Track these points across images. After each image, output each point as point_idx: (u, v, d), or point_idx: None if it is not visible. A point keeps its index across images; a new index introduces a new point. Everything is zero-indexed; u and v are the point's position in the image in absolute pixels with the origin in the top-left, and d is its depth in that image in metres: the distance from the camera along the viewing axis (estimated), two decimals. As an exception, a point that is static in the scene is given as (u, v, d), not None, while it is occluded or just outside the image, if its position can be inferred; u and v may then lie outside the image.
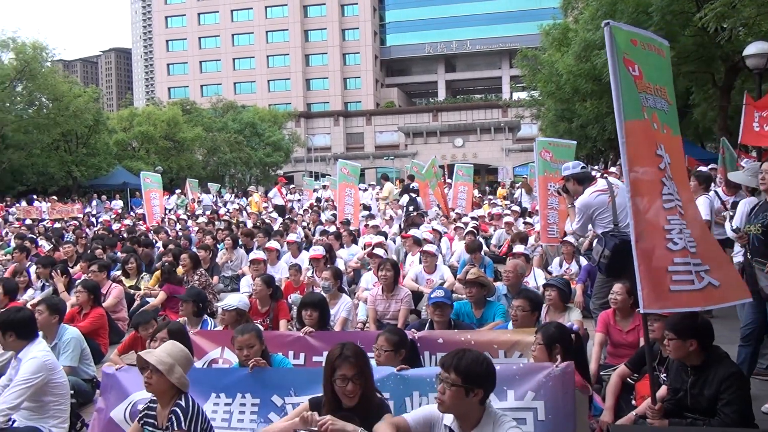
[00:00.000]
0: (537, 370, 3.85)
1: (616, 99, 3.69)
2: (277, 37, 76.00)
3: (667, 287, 3.72)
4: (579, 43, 17.73)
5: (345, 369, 3.35)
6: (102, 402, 4.39)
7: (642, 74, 3.83)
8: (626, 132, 3.70)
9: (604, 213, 6.01)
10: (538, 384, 3.77)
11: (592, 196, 6.10)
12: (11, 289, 7.22)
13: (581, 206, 6.14)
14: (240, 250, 11.82)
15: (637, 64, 3.81)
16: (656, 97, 3.94)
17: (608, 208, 5.99)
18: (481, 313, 6.23)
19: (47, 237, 14.36)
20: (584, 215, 6.11)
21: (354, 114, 73.64)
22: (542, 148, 10.17)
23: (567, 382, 3.74)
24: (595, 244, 6.09)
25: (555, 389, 3.73)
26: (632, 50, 3.81)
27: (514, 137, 60.91)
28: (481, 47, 77.12)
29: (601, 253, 5.86)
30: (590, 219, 6.10)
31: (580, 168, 6.50)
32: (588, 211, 6.07)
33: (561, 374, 3.75)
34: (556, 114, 28.57)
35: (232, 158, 47.37)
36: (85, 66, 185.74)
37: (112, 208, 26.87)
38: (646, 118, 3.78)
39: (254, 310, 6.81)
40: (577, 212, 6.22)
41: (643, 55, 3.90)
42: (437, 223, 14.19)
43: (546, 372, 3.80)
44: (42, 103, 35.71)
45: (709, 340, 3.98)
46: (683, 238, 3.76)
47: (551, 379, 3.76)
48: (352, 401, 3.36)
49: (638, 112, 3.74)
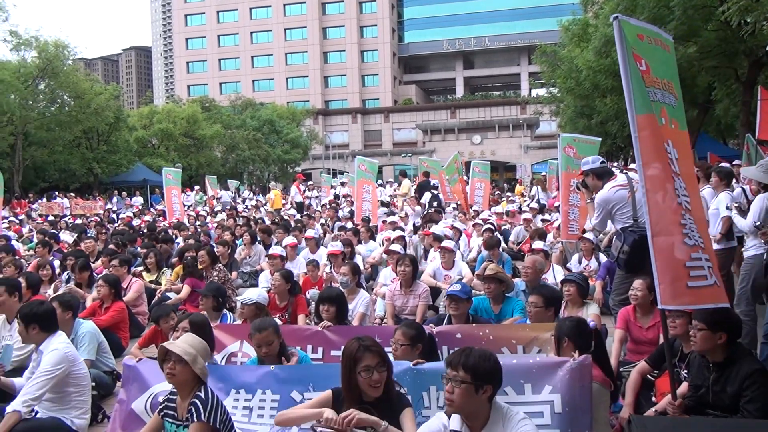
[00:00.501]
0: (554, 364, 3.85)
1: (627, 92, 3.67)
2: (296, 34, 76.21)
3: (685, 283, 3.67)
4: (599, 38, 17.59)
5: (368, 359, 3.35)
6: (123, 393, 4.44)
7: (649, 69, 3.81)
8: (639, 126, 3.67)
9: (623, 208, 5.95)
10: (555, 377, 3.78)
11: (611, 191, 6.04)
12: (34, 283, 7.32)
13: (600, 201, 6.09)
14: (258, 246, 11.88)
15: (644, 58, 3.79)
16: (664, 91, 3.90)
17: (628, 203, 5.93)
18: (499, 309, 6.21)
19: (73, 229, 14.50)
20: (603, 210, 6.06)
21: (372, 111, 73.63)
22: (566, 144, 10.08)
23: (584, 376, 3.74)
24: (614, 239, 6.03)
25: (572, 382, 3.73)
26: (639, 45, 3.79)
27: (533, 134, 60.52)
28: (499, 44, 76.73)
29: (620, 248, 5.80)
30: (609, 214, 6.04)
31: (600, 163, 6.43)
32: (607, 206, 6.02)
33: (578, 367, 3.76)
34: (575, 110, 28.34)
35: (250, 155, 47.68)
36: (106, 64, 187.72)
37: (132, 205, 27.15)
38: (654, 113, 3.75)
39: (273, 305, 6.84)
40: (596, 207, 6.16)
41: (650, 50, 3.88)
42: (454, 219, 14.15)
43: (563, 365, 3.80)
44: (64, 100, 36.20)
45: (737, 337, 3.94)
46: (695, 234, 3.74)
47: (568, 373, 3.76)
48: (378, 391, 3.35)
49: (648, 106, 3.72)
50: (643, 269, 5.86)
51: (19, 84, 33.16)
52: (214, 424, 3.48)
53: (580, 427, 3.64)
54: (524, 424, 2.99)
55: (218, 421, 3.50)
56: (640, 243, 5.75)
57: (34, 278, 7.47)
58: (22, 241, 14.51)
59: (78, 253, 9.59)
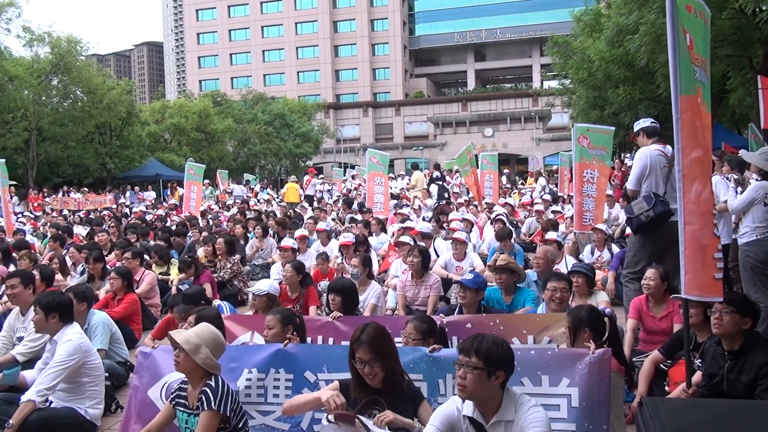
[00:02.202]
0: (573, 357, 3.76)
1: (673, 70, 3.43)
2: (307, 28, 76.15)
3: (713, 275, 3.60)
4: (611, 27, 17.38)
5: (361, 353, 3.39)
6: (137, 380, 4.45)
7: (693, 44, 3.55)
8: (681, 107, 3.45)
9: (654, 176, 6.02)
10: (573, 370, 3.69)
11: (654, 151, 6.11)
12: (47, 276, 7.38)
13: (641, 156, 6.17)
14: (270, 239, 11.92)
15: (690, 32, 3.52)
16: (702, 69, 3.67)
17: (661, 173, 5.99)
18: (511, 300, 6.19)
19: (87, 222, 14.60)
20: (641, 167, 6.12)
21: (383, 104, 73.50)
22: (580, 134, 10.00)
23: (603, 370, 3.66)
24: (639, 199, 6.02)
25: (590, 376, 3.64)
26: (686, 17, 3.51)
27: (545, 127, 60.23)
28: (511, 36, 76.23)
29: (646, 211, 5.78)
30: (643, 174, 6.08)
31: (650, 122, 6.50)
32: (645, 163, 6.08)
33: (597, 361, 3.67)
34: (587, 101, 28.08)
35: (262, 149, 47.79)
36: (118, 60, 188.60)
37: (144, 199, 27.31)
38: (696, 93, 3.53)
39: (284, 297, 6.86)
40: (634, 163, 6.23)
41: (694, 24, 3.60)
42: (466, 212, 14.10)
43: (582, 358, 3.71)
44: (77, 96, 36.38)
45: (755, 325, 3.91)
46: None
47: (587, 366, 3.67)
48: (373, 382, 3.39)
49: (692, 86, 3.49)
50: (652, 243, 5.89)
51: (32, 80, 33.38)
52: (225, 412, 3.49)
53: (597, 422, 3.56)
54: (534, 411, 2.98)
55: (229, 409, 3.51)
56: (665, 217, 5.79)
57: (47, 271, 7.53)
58: (37, 236, 14.65)
59: (92, 246, 9.67)
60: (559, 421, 3.60)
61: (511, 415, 3.00)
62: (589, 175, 9.81)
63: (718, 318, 3.88)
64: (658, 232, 5.99)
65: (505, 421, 3.00)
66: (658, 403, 3.22)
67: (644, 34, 14.25)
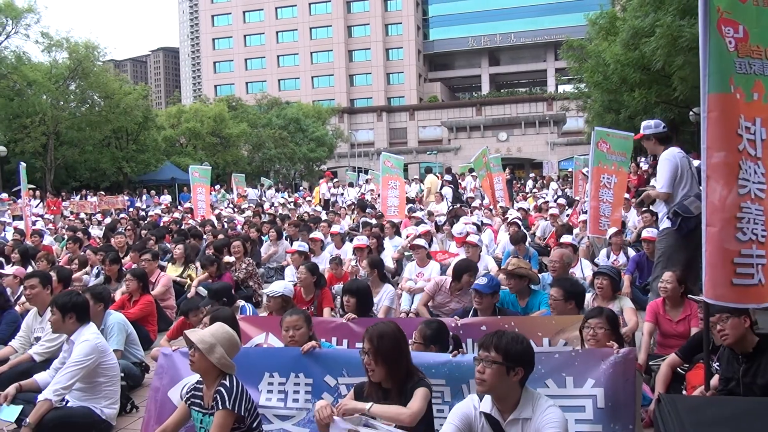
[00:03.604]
0: (597, 357, 3.72)
1: (703, 67, 3.40)
2: (321, 33, 76.47)
3: (730, 280, 3.53)
4: (627, 30, 17.31)
5: (365, 342, 3.48)
6: (158, 381, 4.46)
7: (748, 35, 3.43)
8: (709, 106, 3.43)
9: (685, 178, 5.93)
10: (598, 371, 3.65)
11: (679, 153, 5.99)
12: (65, 277, 7.45)
13: (670, 157, 5.97)
14: (285, 242, 11.96)
15: (743, 24, 3.42)
16: (765, 61, 3.51)
17: (688, 174, 5.92)
18: (526, 303, 6.13)
19: (108, 227, 14.75)
20: (672, 168, 5.95)
21: (397, 109, 73.57)
22: (600, 139, 9.90)
23: (628, 369, 3.62)
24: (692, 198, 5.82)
25: (615, 376, 3.61)
26: (738, 8, 3.40)
27: (560, 131, 59.92)
28: (525, 40, 76.05)
29: None
30: (676, 176, 5.94)
31: (663, 127, 6.27)
32: (676, 164, 5.93)
33: (623, 361, 3.63)
34: (602, 105, 27.98)
35: (276, 154, 48.04)
36: (134, 65, 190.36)
37: (160, 203, 27.51)
38: (733, 92, 3.43)
39: (299, 298, 6.86)
40: (662, 166, 6.00)
41: (753, 13, 3.46)
42: (481, 215, 14.07)
43: (607, 358, 3.67)
44: (94, 101, 36.83)
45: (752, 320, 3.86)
46: (753, 228, 3.53)
47: (612, 366, 3.63)
48: (373, 376, 3.43)
49: (725, 83, 3.41)
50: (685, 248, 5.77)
51: (50, 85, 33.83)
52: (239, 411, 3.50)
53: (623, 422, 3.52)
54: (551, 410, 2.96)
55: (243, 409, 3.52)
56: None
57: (64, 272, 7.60)
58: (55, 238, 14.81)
59: (108, 248, 9.76)
60: (584, 422, 3.57)
61: (529, 413, 2.99)
62: (606, 179, 9.74)
63: (720, 330, 3.82)
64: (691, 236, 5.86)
65: (522, 419, 2.99)
66: (676, 400, 3.20)
67: (660, 36, 14.17)
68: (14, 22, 32.82)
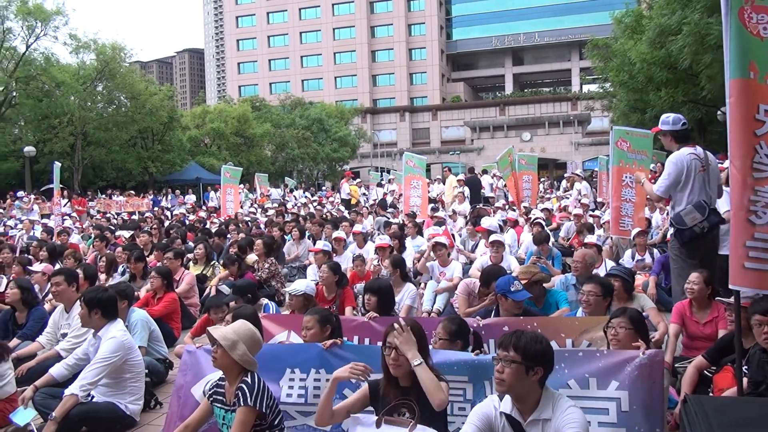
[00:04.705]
0: (622, 359, 3.63)
1: (726, 54, 3.51)
2: (344, 34, 76.70)
3: (742, 264, 3.53)
4: (653, 28, 17.08)
5: (390, 337, 3.43)
6: (182, 378, 4.50)
7: None
8: (730, 91, 3.52)
9: (691, 182, 5.63)
10: (622, 373, 3.56)
11: (688, 156, 5.66)
12: (91, 275, 7.56)
13: (676, 161, 5.68)
14: (307, 241, 12.01)
15: None
16: None
17: (698, 178, 5.63)
18: (542, 304, 6.08)
19: (126, 227, 14.98)
20: (676, 173, 5.66)
21: (420, 109, 73.49)
22: (619, 138, 9.75)
23: (654, 372, 3.52)
24: (690, 208, 5.60)
25: (641, 379, 3.52)
26: None
27: (584, 131, 59.36)
28: (549, 39, 75.49)
29: (700, 222, 5.50)
30: (679, 181, 5.66)
31: (681, 125, 5.91)
32: (681, 168, 5.64)
33: (648, 363, 3.54)
34: (628, 105, 27.63)
35: (299, 154, 48.28)
36: (160, 67, 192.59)
37: (185, 202, 27.82)
38: (752, 77, 3.51)
39: (321, 297, 6.88)
40: (667, 168, 5.75)
41: None
42: (504, 215, 13.99)
43: (632, 361, 3.57)
44: (121, 101, 37.40)
45: None
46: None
47: (637, 369, 3.54)
48: (398, 371, 3.40)
49: (743, 69, 3.50)
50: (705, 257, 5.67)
51: (78, 86, 34.40)
52: (261, 408, 3.51)
53: (649, 426, 3.44)
54: (572, 411, 2.92)
55: (264, 405, 3.53)
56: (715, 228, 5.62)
57: (90, 270, 7.70)
58: (82, 237, 15.05)
59: (133, 247, 9.89)
60: (608, 425, 3.50)
61: (549, 413, 2.95)
62: (629, 179, 9.60)
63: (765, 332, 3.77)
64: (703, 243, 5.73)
65: (543, 419, 2.96)
66: (703, 401, 3.13)
67: (687, 34, 13.96)
68: (43, 24, 33.41)
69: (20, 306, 6.65)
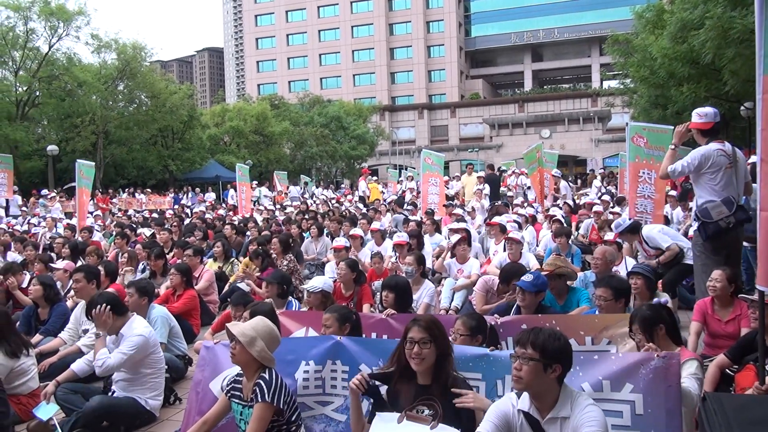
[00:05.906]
0: (637, 360, 3.54)
1: (759, 49, 3.42)
2: (363, 31, 76.72)
3: None
4: (675, 23, 16.81)
5: (413, 332, 3.39)
6: (200, 373, 4.53)
7: None
8: (764, 87, 3.42)
9: (716, 175, 5.69)
10: (637, 376, 3.47)
11: (715, 151, 5.73)
12: (111, 271, 7.67)
13: (702, 152, 5.75)
14: (325, 239, 12.05)
15: None
16: None
17: (724, 174, 5.67)
18: (564, 301, 6.02)
19: (147, 225, 15.12)
20: (698, 161, 5.74)
21: (438, 106, 73.26)
22: (635, 134, 9.66)
23: (671, 375, 3.41)
24: (718, 202, 5.65)
25: (657, 382, 3.42)
26: None
27: (604, 127, 58.79)
28: (569, 35, 74.88)
29: (726, 217, 5.51)
30: (699, 170, 5.74)
31: (715, 116, 5.93)
32: (705, 161, 5.71)
33: (664, 366, 3.43)
34: (649, 101, 27.21)
35: (318, 152, 48.40)
36: (180, 66, 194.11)
37: (205, 200, 28.03)
38: None
39: (338, 294, 6.90)
40: (692, 154, 5.80)
41: None
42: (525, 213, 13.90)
43: (647, 364, 3.48)
44: (141, 100, 37.79)
45: None
46: None
47: (652, 372, 3.44)
48: (419, 366, 3.37)
49: None
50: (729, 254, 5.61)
51: (100, 85, 34.81)
52: (278, 404, 3.53)
53: (666, 429, 3.35)
54: (591, 409, 2.89)
55: (282, 402, 3.55)
56: (740, 225, 5.58)
57: (111, 267, 7.83)
58: (104, 234, 15.23)
59: (154, 244, 9.99)
60: (621, 429, 3.42)
61: (567, 411, 2.92)
62: (646, 175, 9.49)
63: None
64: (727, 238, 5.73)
65: (561, 417, 2.93)
66: (722, 399, 3.08)
67: (710, 28, 13.72)
68: (65, 24, 33.86)
69: (43, 302, 6.77)
